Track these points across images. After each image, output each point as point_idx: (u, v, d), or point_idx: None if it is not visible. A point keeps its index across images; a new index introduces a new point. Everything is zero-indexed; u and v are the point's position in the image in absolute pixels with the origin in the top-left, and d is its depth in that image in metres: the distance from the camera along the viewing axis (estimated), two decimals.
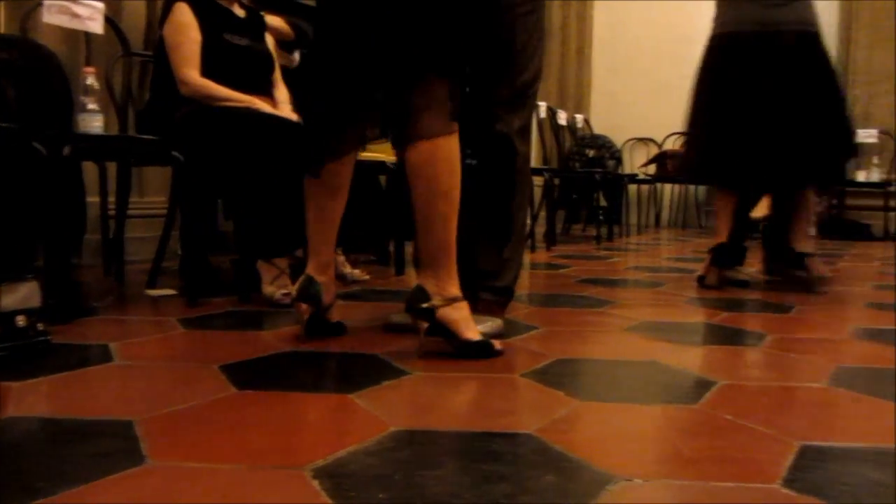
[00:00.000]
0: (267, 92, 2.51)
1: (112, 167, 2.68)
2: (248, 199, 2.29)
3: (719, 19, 2.82)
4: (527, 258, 3.91)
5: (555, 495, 0.89)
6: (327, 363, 1.57)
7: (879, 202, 6.46)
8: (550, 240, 4.63)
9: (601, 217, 5.65)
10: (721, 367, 1.59)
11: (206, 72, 2.34)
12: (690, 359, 1.66)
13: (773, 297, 2.68)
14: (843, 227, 6.44)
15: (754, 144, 2.70)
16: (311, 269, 1.71)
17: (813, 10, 2.74)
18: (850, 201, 6.62)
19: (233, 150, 2.27)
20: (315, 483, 0.91)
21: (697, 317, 2.26)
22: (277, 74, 2.60)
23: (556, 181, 5.11)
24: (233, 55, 2.41)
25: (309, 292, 1.69)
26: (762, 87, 2.68)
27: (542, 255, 4.07)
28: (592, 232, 5.57)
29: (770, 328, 2.06)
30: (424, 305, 1.55)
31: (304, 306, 1.71)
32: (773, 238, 3.05)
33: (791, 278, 2.82)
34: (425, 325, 1.56)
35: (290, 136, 2.24)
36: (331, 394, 1.32)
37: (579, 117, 6.30)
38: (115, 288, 2.49)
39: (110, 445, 1.02)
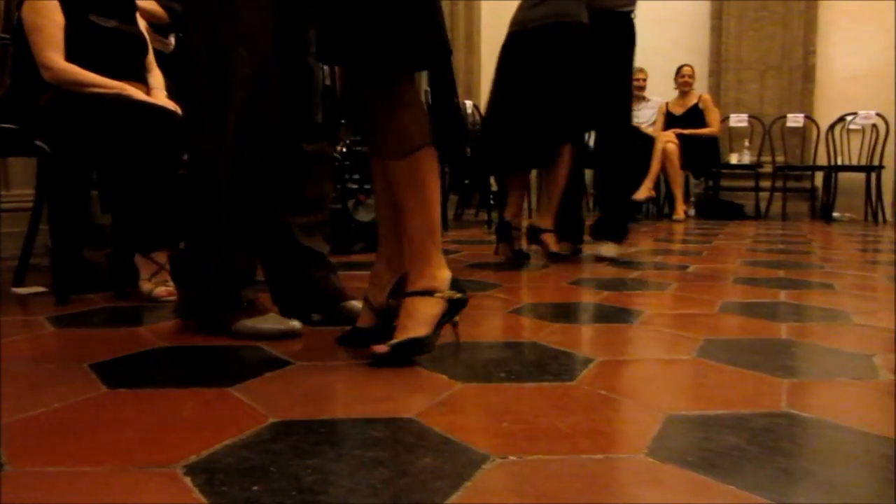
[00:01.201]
0: (140, 77, 2.40)
1: None
2: (124, 190, 2.20)
3: (510, 22, 3.12)
4: None
5: (430, 477, 0.90)
6: (208, 357, 1.53)
7: (751, 183, 6.86)
8: (442, 226, 4.66)
9: (492, 202, 5.73)
10: (598, 345, 1.65)
11: (72, 56, 2.21)
12: (570, 338, 1.72)
13: (652, 276, 2.81)
14: (718, 208, 6.80)
15: (503, 131, 3.09)
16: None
17: (567, 6, 2.97)
18: (724, 183, 6.99)
19: (103, 139, 2.16)
20: (187, 480, 0.89)
21: (579, 297, 2.33)
22: (151, 59, 2.49)
23: (447, 167, 5.15)
24: (100, 38, 2.29)
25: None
26: (518, 78, 3.04)
27: None
28: (485, 217, 5.65)
29: (646, 305, 2.15)
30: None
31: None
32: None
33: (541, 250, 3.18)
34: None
35: (166, 125, 2.16)
36: (209, 388, 1.28)
37: (469, 103, 6.36)
38: None
39: None
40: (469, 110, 6.34)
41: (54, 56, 2.18)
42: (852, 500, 0.86)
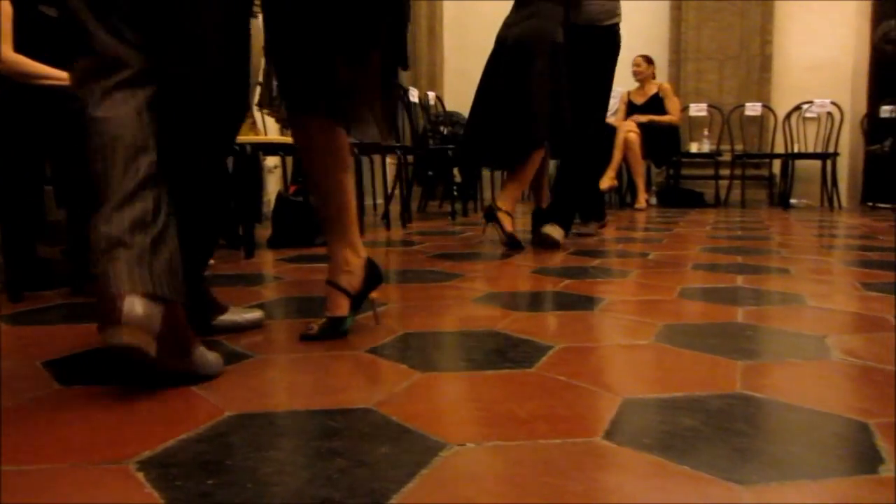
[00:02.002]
0: None
1: None
2: (78, 184, 2.15)
3: (496, 39, 3.41)
4: (381, 236, 3.92)
5: (388, 466, 0.90)
6: None
7: (710, 171, 6.96)
8: (406, 217, 4.65)
9: (456, 193, 5.74)
10: (559, 332, 1.66)
11: (20, 47, 2.16)
12: (531, 326, 1.73)
13: (613, 263, 2.83)
14: (679, 196, 6.88)
15: (477, 132, 3.45)
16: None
17: (544, 24, 3.26)
18: (685, 171, 7.07)
19: (55, 131, 2.11)
20: (140, 475, 0.87)
21: (541, 285, 2.35)
22: None
23: (410, 158, 5.14)
24: (50, 29, 2.24)
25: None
26: (491, 88, 3.35)
27: (397, 233, 4.09)
28: (448, 208, 5.65)
29: (607, 293, 2.17)
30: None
31: None
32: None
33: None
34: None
35: None
36: (165, 383, 1.26)
37: (431, 95, 6.34)
38: None
39: None
40: (432, 101, 6.33)
41: (2, 47, 2.13)
42: (804, 477, 0.87)
